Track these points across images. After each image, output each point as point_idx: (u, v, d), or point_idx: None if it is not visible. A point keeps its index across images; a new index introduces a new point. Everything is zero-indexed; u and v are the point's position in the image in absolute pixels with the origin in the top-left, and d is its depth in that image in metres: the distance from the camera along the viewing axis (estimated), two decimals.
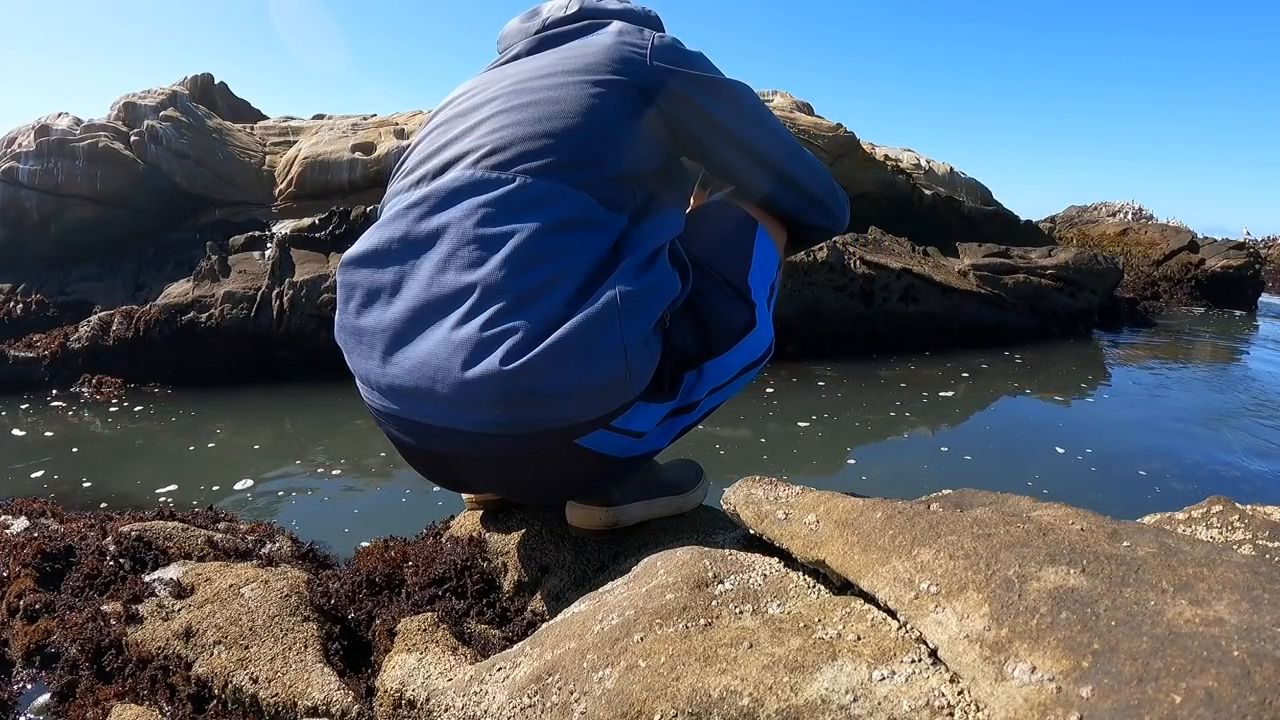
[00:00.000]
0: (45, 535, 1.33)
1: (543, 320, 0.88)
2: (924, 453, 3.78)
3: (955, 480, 1.06)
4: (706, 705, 0.61)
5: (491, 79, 1.07)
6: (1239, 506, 0.97)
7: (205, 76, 6.73)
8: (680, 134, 1.07)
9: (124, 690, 0.98)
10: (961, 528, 0.69)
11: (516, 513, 1.26)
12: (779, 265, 1.17)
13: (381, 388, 0.96)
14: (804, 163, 1.16)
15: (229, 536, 1.43)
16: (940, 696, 0.56)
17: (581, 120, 0.97)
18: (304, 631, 1.02)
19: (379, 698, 0.86)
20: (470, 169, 0.96)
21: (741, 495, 0.93)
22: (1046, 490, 3.10)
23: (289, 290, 4.69)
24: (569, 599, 1.01)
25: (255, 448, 3.63)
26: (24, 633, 1.10)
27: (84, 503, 2.85)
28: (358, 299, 0.99)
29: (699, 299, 1.04)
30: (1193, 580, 0.57)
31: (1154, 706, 0.44)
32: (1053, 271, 6.53)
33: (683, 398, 1.04)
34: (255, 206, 5.69)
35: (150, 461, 3.47)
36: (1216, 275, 9.32)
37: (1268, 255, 11.63)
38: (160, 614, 1.08)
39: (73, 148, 5.30)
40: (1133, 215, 10.98)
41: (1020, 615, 0.55)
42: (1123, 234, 10.21)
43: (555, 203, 0.93)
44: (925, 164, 7.84)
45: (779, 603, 0.76)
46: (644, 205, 1.02)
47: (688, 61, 1.06)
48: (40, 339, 4.68)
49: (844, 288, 5.56)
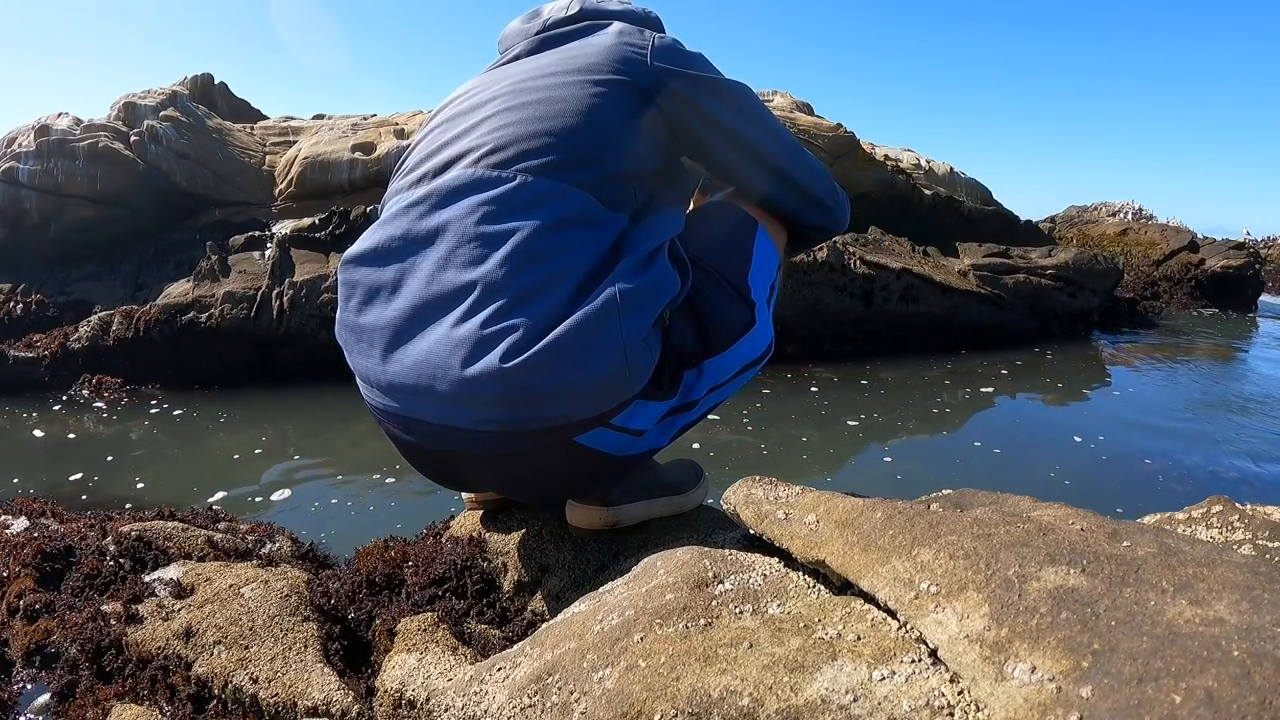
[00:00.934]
0: (45, 535, 1.33)
1: (543, 318, 0.88)
2: (923, 454, 3.78)
3: (954, 482, 1.06)
4: (706, 705, 0.61)
5: (492, 79, 1.08)
6: (1239, 506, 0.97)
7: (205, 76, 6.73)
8: (680, 134, 1.07)
9: (124, 690, 0.98)
10: (961, 528, 0.69)
11: (516, 513, 1.26)
12: (779, 265, 1.17)
13: (381, 386, 0.96)
14: (804, 163, 1.16)
15: (229, 536, 1.43)
16: (940, 696, 0.56)
17: (582, 120, 0.98)
18: (304, 631, 1.02)
19: (379, 698, 0.86)
20: (471, 167, 0.96)
21: (741, 495, 0.93)
22: (1046, 492, 3.10)
23: (289, 290, 4.69)
24: (569, 599, 1.01)
25: (255, 448, 3.63)
26: (24, 633, 1.10)
27: (84, 504, 2.85)
28: (358, 297, 0.99)
29: (699, 298, 1.04)
30: (1193, 580, 0.57)
31: (1154, 706, 0.44)
32: (1053, 271, 6.53)
33: (682, 396, 1.04)
34: (255, 206, 5.69)
35: (150, 462, 3.47)
36: (1216, 275, 9.31)
37: (1268, 255, 11.62)
38: (160, 614, 1.08)
39: (73, 148, 5.30)
40: (1133, 215, 10.97)
41: (1020, 615, 0.55)
42: (1123, 234, 10.21)
43: (555, 201, 0.93)
44: (925, 164, 7.83)
45: (779, 603, 0.76)
46: (644, 205, 1.02)
47: (688, 62, 1.06)
48: (40, 339, 4.68)
49: (844, 288, 5.56)
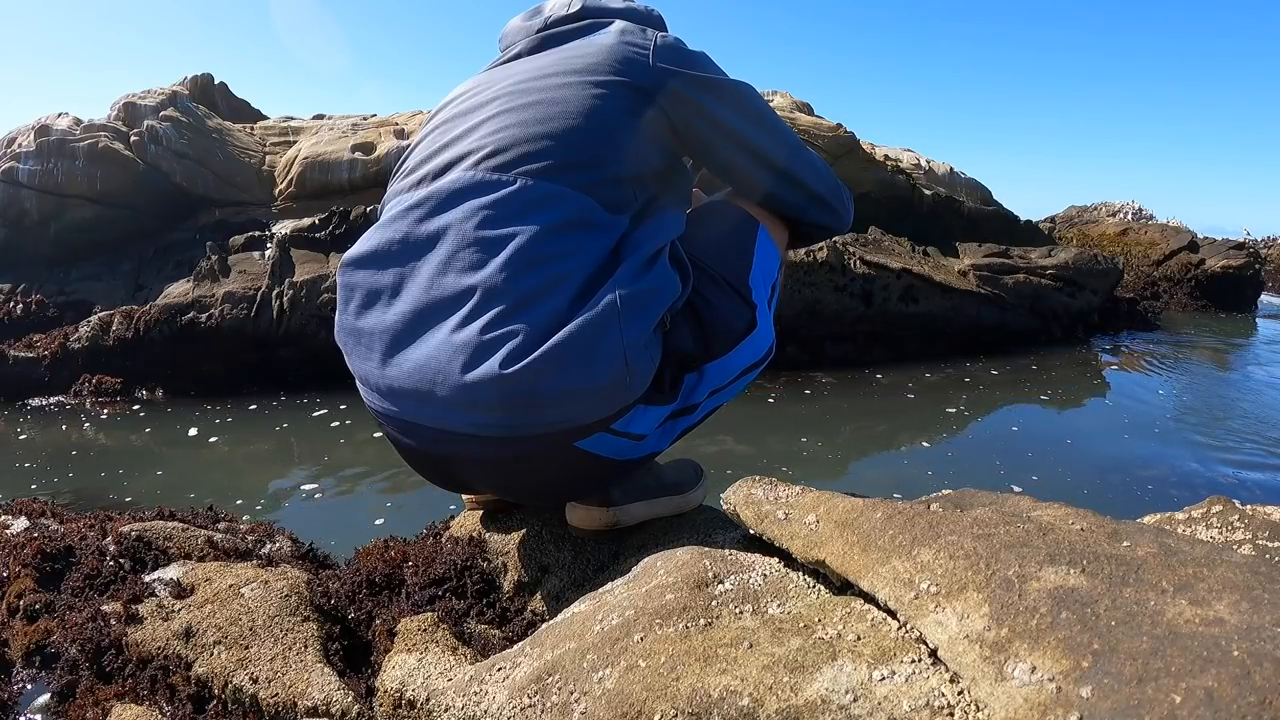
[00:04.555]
0: (45, 535, 1.33)
1: (543, 323, 0.87)
2: (922, 457, 3.78)
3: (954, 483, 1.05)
4: (706, 705, 0.61)
5: (493, 78, 1.07)
6: (1239, 506, 0.97)
7: (205, 76, 6.73)
8: (682, 135, 1.07)
9: (124, 690, 0.98)
10: (961, 528, 0.69)
11: (516, 513, 1.25)
12: (780, 266, 1.17)
13: (381, 389, 0.96)
14: (808, 162, 1.15)
15: (229, 536, 1.43)
16: (940, 696, 0.56)
17: (582, 122, 0.97)
18: (304, 631, 1.02)
19: (379, 698, 0.86)
20: (471, 170, 0.96)
21: (741, 495, 0.93)
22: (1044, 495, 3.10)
23: (289, 290, 4.69)
24: (569, 599, 1.01)
25: (255, 448, 3.63)
26: (24, 633, 1.10)
27: (83, 504, 2.85)
28: (357, 300, 0.99)
29: (699, 300, 1.04)
30: (1193, 580, 0.57)
31: (1154, 706, 0.44)
32: (1053, 271, 6.53)
33: (683, 399, 1.03)
34: (255, 206, 5.69)
35: (149, 463, 3.47)
36: (1216, 275, 9.31)
37: (1268, 255, 11.61)
38: (160, 614, 1.08)
39: (73, 148, 5.30)
40: (1133, 215, 10.97)
41: (1020, 615, 0.55)
42: (1123, 234, 10.20)
43: (556, 205, 0.93)
44: (925, 164, 7.83)
45: (779, 603, 0.76)
46: (645, 207, 1.02)
47: (690, 62, 1.05)
48: (40, 339, 4.68)
49: (844, 288, 5.56)
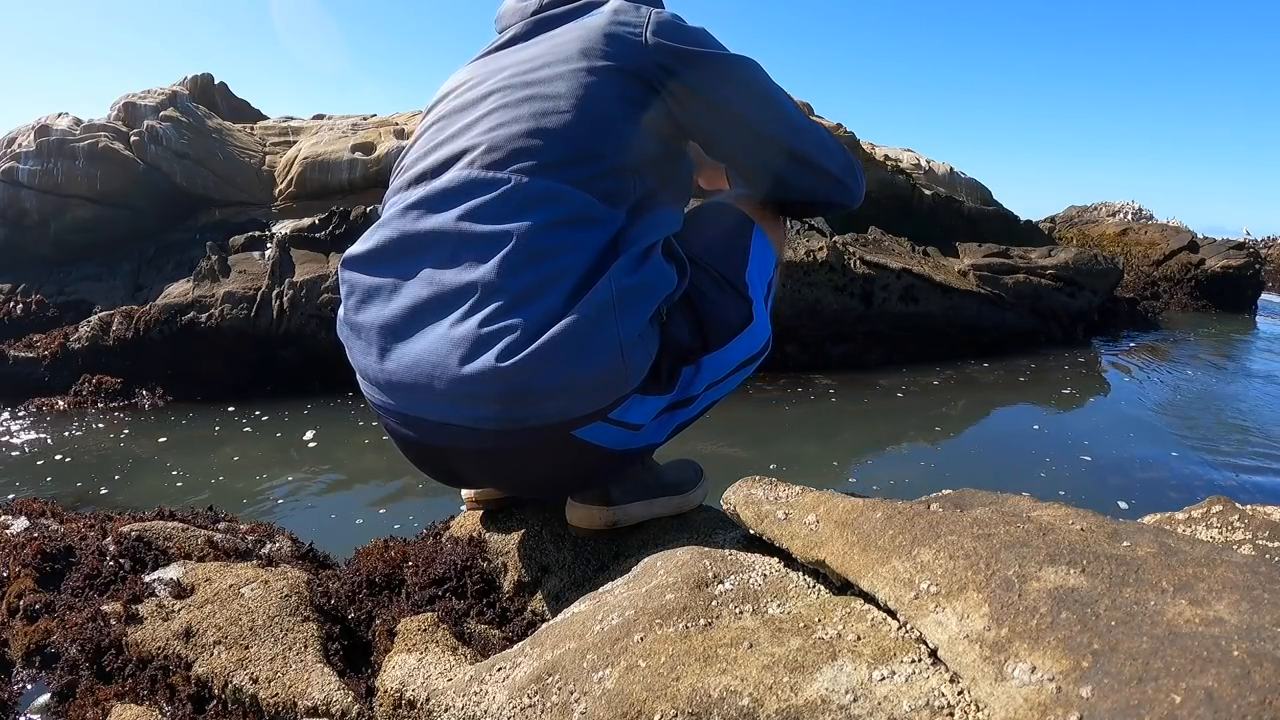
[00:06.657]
0: (45, 535, 1.33)
1: (540, 318, 0.88)
2: (922, 457, 3.78)
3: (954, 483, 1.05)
4: (706, 705, 0.61)
5: (488, 70, 1.06)
6: (1239, 506, 0.97)
7: (205, 76, 6.73)
8: (681, 117, 1.04)
9: (124, 690, 0.98)
10: (961, 528, 0.69)
11: (516, 513, 1.25)
12: (776, 265, 1.17)
13: (380, 383, 0.96)
14: (816, 138, 1.11)
15: (229, 536, 1.43)
16: (940, 696, 0.56)
17: (577, 114, 0.97)
18: (304, 631, 1.02)
19: (379, 698, 0.86)
20: (467, 169, 0.96)
21: (741, 495, 0.93)
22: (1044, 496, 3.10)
23: (289, 290, 4.69)
24: (569, 599, 1.01)
25: (255, 448, 3.63)
26: (24, 633, 1.10)
27: (83, 505, 2.85)
28: (358, 296, 1.00)
29: (696, 294, 1.04)
30: (1193, 580, 0.57)
31: (1154, 706, 0.44)
32: (1053, 271, 6.52)
33: (680, 391, 1.04)
34: (255, 207, 5.69)
35: (149, 462, 3.47)
36: (1216, 275, 9.30)
37: (1268, 255, 11.61)
38: (160, 614, 1.08)
39: (73, 148, 5.30)
40: (1133, 215, 10.97)
41: (1020, 615, 0.55)
42: (1123, 234, 10.20)
43: (551, 201, 0.93)
44: (925, 164, 7.83)
45: (779, 603, 0.76)
46: (643, 199, 1.02)
47: (688, 38, 1.01)
48: (40, 339, 4.68)
49: (844, 288, 5.55)
